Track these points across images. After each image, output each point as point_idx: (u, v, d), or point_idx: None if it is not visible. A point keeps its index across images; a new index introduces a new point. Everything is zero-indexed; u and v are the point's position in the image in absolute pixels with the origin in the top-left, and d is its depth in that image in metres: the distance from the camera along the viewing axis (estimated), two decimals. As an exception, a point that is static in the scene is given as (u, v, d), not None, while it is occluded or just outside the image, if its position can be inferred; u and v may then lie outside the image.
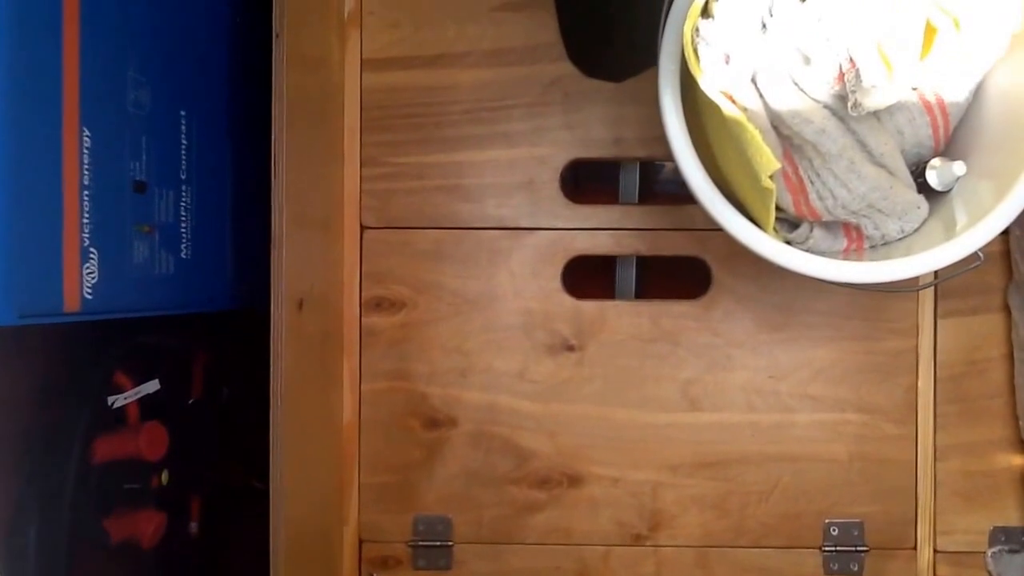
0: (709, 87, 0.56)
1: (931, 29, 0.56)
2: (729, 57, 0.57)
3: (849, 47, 0.55)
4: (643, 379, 0.75)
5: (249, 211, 0.76)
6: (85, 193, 0.57)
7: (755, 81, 0.58)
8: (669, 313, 0.75)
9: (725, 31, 0.56)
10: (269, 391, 0.62)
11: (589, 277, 0.79)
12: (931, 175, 0.60)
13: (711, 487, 0.75)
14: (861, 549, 0.75)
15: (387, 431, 0.76)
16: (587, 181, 0.84)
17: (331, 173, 0.74)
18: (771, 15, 0.56)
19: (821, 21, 0.55)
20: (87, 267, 0.58)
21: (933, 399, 0.74)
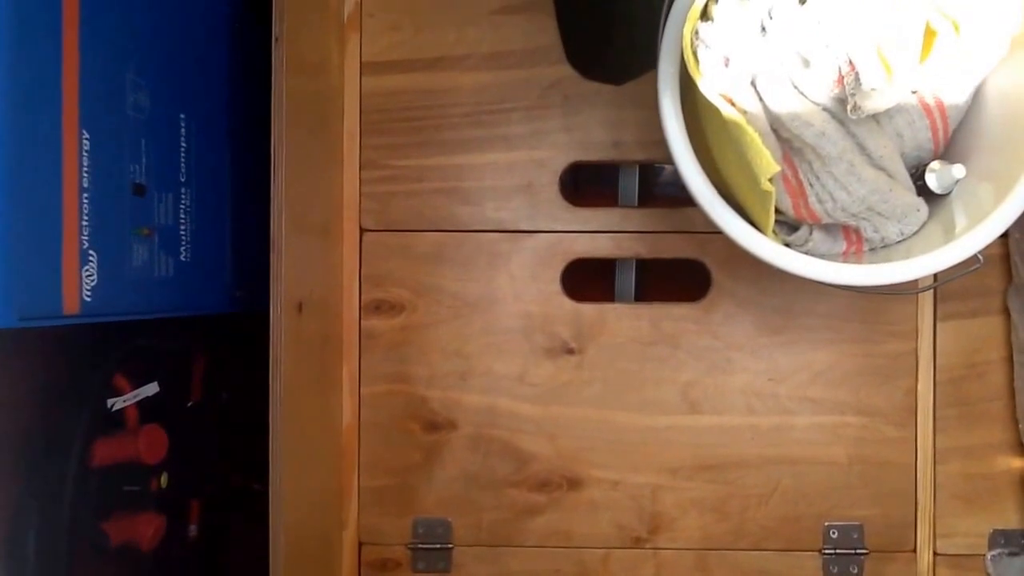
0: (708, 90, 0.56)
1: (931, 32, 0.56)
2: (728, 60, 0.57)
3: (848, 50, 0.55)
4: (643, 382, 0.75)
5: (248, 214, 0.76)
6: (84, 196, 0.57)
7: (755, 84, 0.58)
8: (669, 316, 0.76)
9: (724, 34, 0.56)
10: (268, 394, 0.62)
11: (589, 280, 0.79)
12: (930, 178, 0.60)
13: (711, 490, 0.75)
14: (861, 552, 0.74)
15: (387, 434, 0.76)
16: (586, 184, 0.84)
17: (330, 176, 0.74)
18: (771, 18, 0.56)
19: (821, 24, 0.55)
20: (86, 270, 0.58)
21: (933, 402, 0.74)
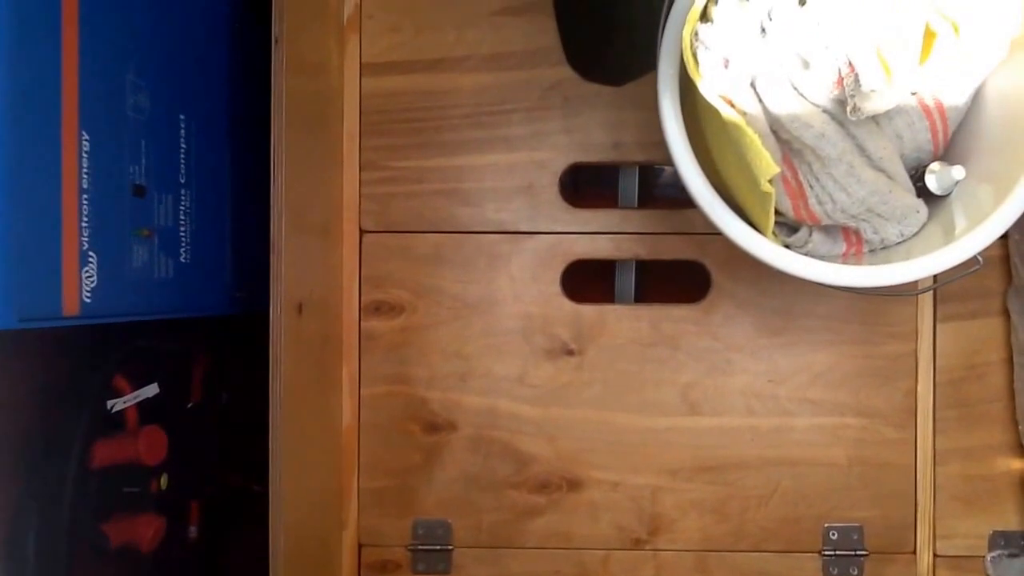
0: (708, 91, 0.56)
1: (930, 34, 0.56)
2: (728, 61, 0.57)
3: (848, 51, 0.55)
4: (643, 383, 0.75)
5: (248, 215, 0.76)
6: (84, 197, 0.57)
7: (754, 85, 0.58)
8: (669, 317, 0.75)
9: (724, 35, 0.56)
10: (268, 395, 0.62)
11: (589, 281, 0.79)
12: (930, 179, 0.60)
13: (710, 491, 0.75)
14: (861, 553, 0.74)
15: (386, 435, 0.76)
16: (586, 185, 0.84)
17: (330, 177, 0.74)
18: (770, 19, 0.56)
19: (820, 25, 0.55)
20: (86, 271, 0.58)
21: (932, 403, 0.74)
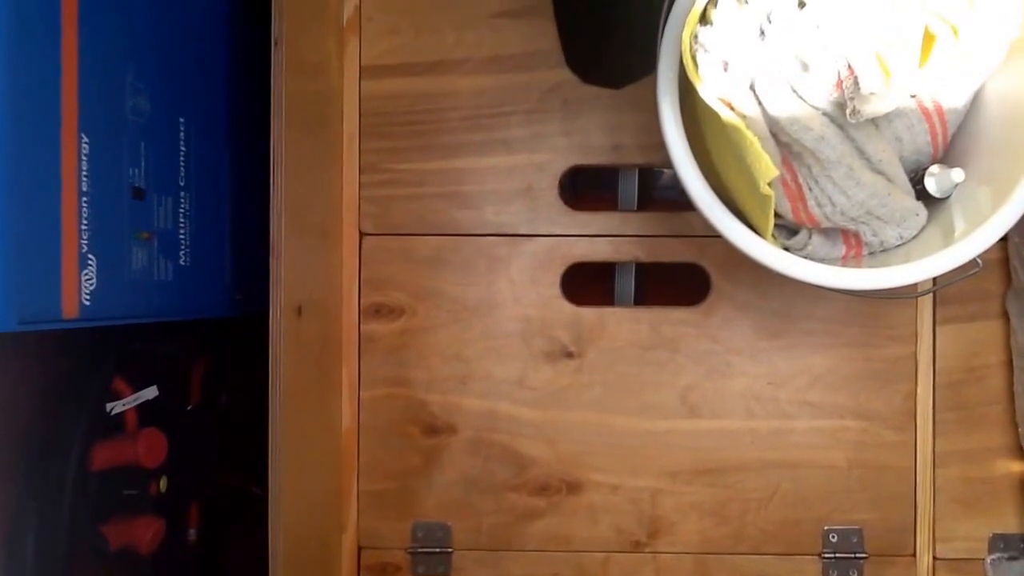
0: (708, 94, 0.56)
1: (930, 36, 0.56)
2: (728, 64, 0.57)
3: (847, 54, 0.55)
4: (642, 386, 0.75)
5: (248, 217, 0.76)
6: (84, 199, 0.57)
7: (754, 88, 0.58)
8: (668, 320, 0.75)
9: (723, 38, 0.56)
10: (268, 398, 0.62)
11: (588, 284, 0.79)
12: (929, 182, 0.60)
13: (710, 494, 0.75)
14: (860, 556, 0.74)
15: (386, 438, 0.76)
16: (586, 188, 0.84)
17: (330, 180, 0.74)
18: (769, 22, 0.56)
19: (819, 28, 0.55)
20: (85, 273, 0.58)
21: (932, 406, 0.74)
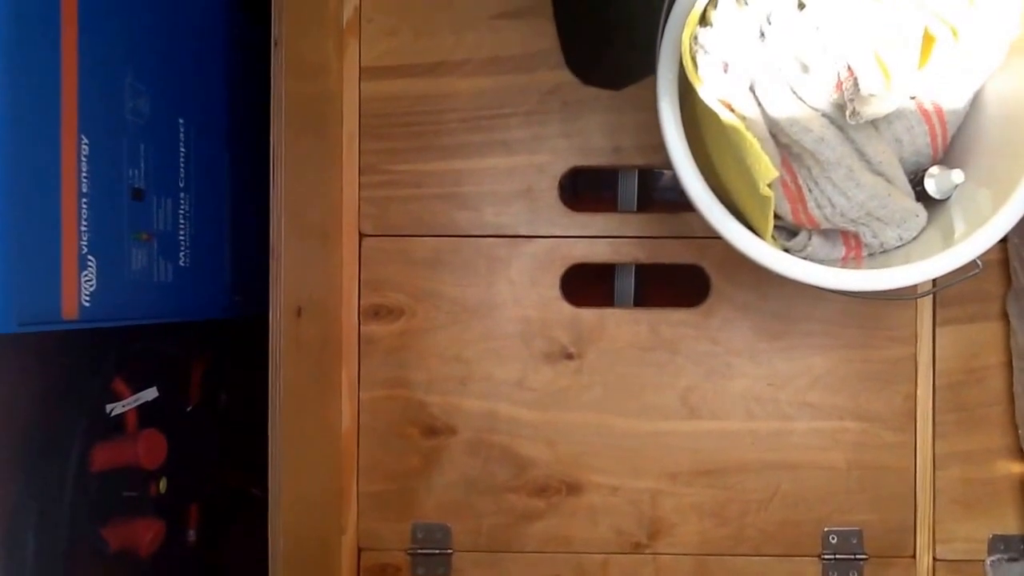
0: (707, 95, 0.56)
1: (929, 38, 0.56)
2: (727, 65, 0.57)
3: (847, 56, 0.55)
4: (642, 387, 0.75)
5: (247, 219, 0.76)
6: (83, 201, 0.57)
7: (753, 89, 0.58)
8: (668, 321, 0.75)
9: (723, 39, 0.56)
10: (267, 399, 0.62)
11: (588, 285, 0.79)
12: (929, 183, 0.60)
13: (710, 495, 0.75)
14: (860, 557, 0.74)
15: (386, 439, 0.76)
16: (586, 189, 0.84)
17: (329, 181, 0.74)
18: (769, 23, 0.56)
19: (819, 30, 0.55)
20: (85, 275, 0.58)
21: (932, 407, 0.74)
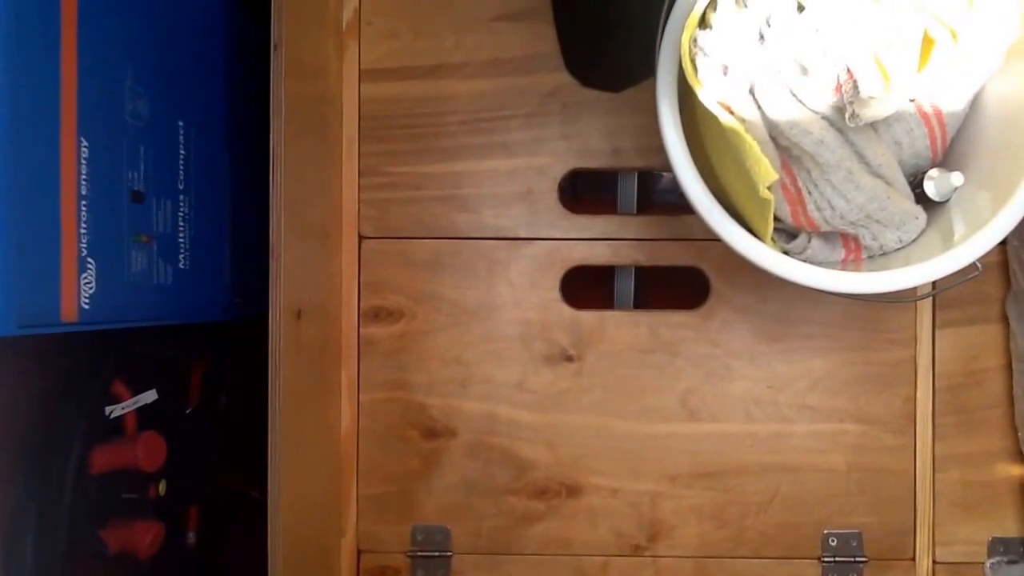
0: (707, 98, 0.56)
1: (929, 40, 0.56)
2: (727, 68, 0.57)
3: (847, 58, 0.55)
4: (642, 389, 0.75)
5: (247, 221, 0.76)
6: (83, 203, 0.57)
7: (753, 92, 0.58)
8: (667, 323, 0.75)
9: (723, 42, 0.56)
10: (267, 401, 0.62)
11: (587, 287, 0.79)
12: (929, 186, 0.60)
13: (710, 497, 0.75)
14: (860, 559, 0.74)
15: (385, 441, 0.76)
16: (585, 191, 0.84)
17: (329, 183, 0.74)
18: (769, 26, 0.56)
19: (819, 32, 0.55)
20: (84, 277, 0.58)
21: (931, 409, 0.74)
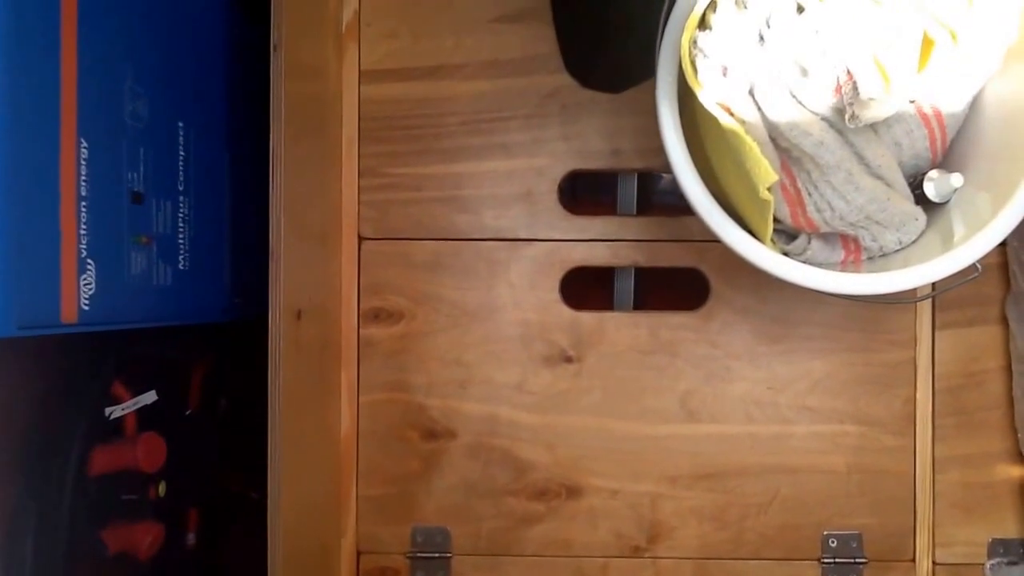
0: (707, 99, 0.56)
1: (928, 42, 0.56)
2: (727, 69, 0.57)
3: (846, 60, 0.55)
4: (641, 390, 0.75)
5: (247, 222, 0.76)
6: (83, 204, 0.57)
7: (753, 93, 0.58)
8: (667, 324, 0.75)
9: (723, 43, 0.56)
10: (267, 402, 0.61)
11: (587, 288, 0.79)
12: (928, 187, 0.60)
13: (710, 499, 0.75)
14: (860, 561, 0.74)
15: (385, 442, 0.76)
16: (585, 192, 0.84)
17: (329, 184, 0.74)
18: (769, 27, 0.56)
19: (819, 33, 0.55)
20: (84, 278, 0.58)
21: (931, 411, 0.74)
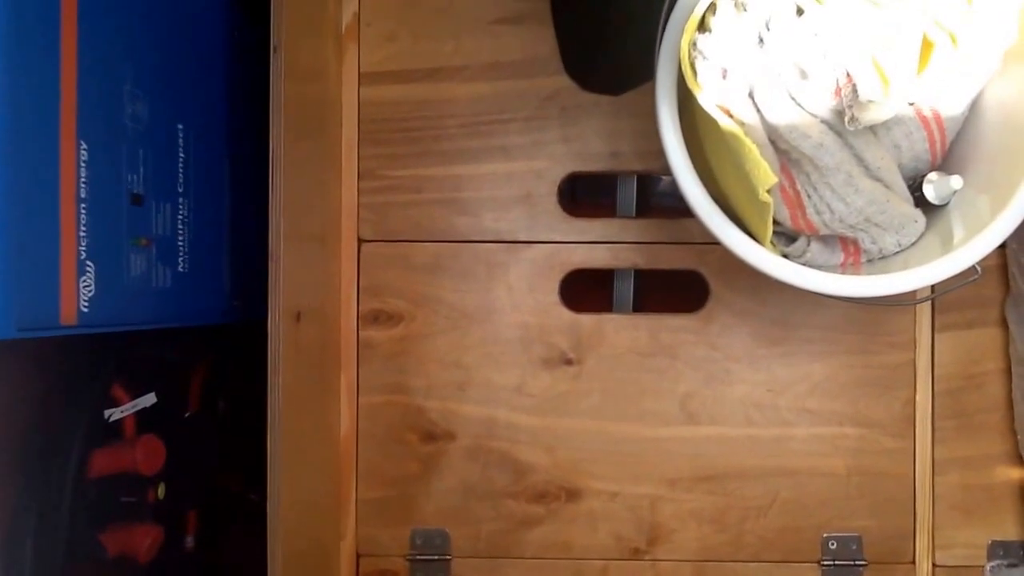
0: (706, 101, 0.56)
1: (928, 44, 0.56)
2: (726, 71, 0.57)
3: (846, 62, 0.55)
4: (641, 393, 0.75)
5: (246, 224, 0.76)
6: (82, 206, 0.57)
7: (752, 95, 0.58)
8: (667, 327, 0.75)
9: (722, 45, 0.56)
10: (266, 404, 0.61)
11: (587, 291, 0.79)
12: (928, 189, 0.60)
13: (709, 501, 0.75)
14: (860, 563, 0.74)
15: (385, 445, 0.76)
16: (584, 194, 0.84)
17: (328, 186, 0.74)
18: (768, 29, 0.57)
19: (818, 36, 0.55)
20: (84, 280, 0.58)
21: (931, 413, 0.74)
